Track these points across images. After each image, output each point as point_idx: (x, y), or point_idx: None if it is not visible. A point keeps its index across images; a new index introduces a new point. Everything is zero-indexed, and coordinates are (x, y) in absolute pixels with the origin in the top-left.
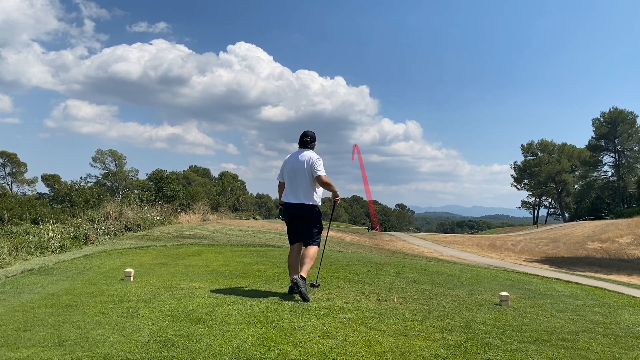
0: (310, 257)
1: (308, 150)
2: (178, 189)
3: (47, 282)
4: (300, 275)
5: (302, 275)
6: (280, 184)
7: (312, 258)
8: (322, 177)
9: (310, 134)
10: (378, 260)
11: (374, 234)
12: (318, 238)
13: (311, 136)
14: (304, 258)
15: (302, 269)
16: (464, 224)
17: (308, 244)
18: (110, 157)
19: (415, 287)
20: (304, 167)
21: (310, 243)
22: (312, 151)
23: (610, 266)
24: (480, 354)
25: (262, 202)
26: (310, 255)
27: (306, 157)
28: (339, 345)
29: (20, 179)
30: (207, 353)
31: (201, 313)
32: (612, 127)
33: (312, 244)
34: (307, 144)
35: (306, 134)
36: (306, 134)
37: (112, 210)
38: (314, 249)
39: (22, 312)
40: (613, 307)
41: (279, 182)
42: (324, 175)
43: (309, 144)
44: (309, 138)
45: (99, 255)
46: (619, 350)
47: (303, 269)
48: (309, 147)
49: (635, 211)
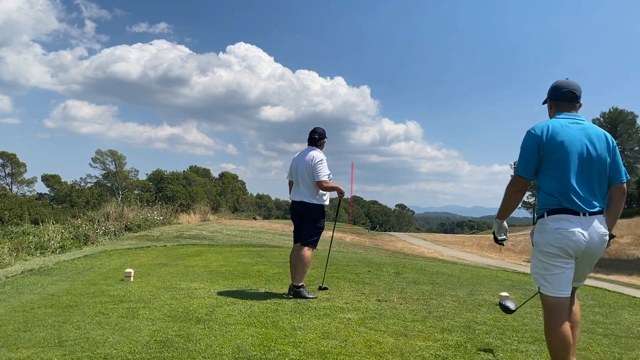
0: (303, 263)
1: (315, 149)
2: (178, 189)
3: (47, 282)
4: (292, 286)
5: (295, 284)
6: (290, 183)
7: (305, 263)
8: (323, 183)
9: (319, 131)
10: (378, 260)
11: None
12: (315, 239)
13: (320, 133)
14: (297, 264)
15: (296, 277)
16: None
17: (303, 244)
18: (110, 158)
19: (415, 287)
20: (306, 167)
21: (305, 244)
22: (317, 151)
23: (610, 266)
24: (480, 354)
25: (262, 202)
26: (303, 261)
27: (309, 156)
28: (339, 345)
29: (19, 179)
30: (207, 353)
31: (201, 313)
32: (612, 127)
33: (307, 245)
34: (315, 142)
35: (315, 130)
36: (315, 131)
37: (112, 211)
38: (307, 252)
39: (22, 313)
40: (613, 308)
41: (289, 180)
42: (324, 182)
43: (317, 142)
44: (317, 135)
45: (99, 255)
46: (619, 351)
47: (296, 277)
48: (317, 145)
49: (635, 211)
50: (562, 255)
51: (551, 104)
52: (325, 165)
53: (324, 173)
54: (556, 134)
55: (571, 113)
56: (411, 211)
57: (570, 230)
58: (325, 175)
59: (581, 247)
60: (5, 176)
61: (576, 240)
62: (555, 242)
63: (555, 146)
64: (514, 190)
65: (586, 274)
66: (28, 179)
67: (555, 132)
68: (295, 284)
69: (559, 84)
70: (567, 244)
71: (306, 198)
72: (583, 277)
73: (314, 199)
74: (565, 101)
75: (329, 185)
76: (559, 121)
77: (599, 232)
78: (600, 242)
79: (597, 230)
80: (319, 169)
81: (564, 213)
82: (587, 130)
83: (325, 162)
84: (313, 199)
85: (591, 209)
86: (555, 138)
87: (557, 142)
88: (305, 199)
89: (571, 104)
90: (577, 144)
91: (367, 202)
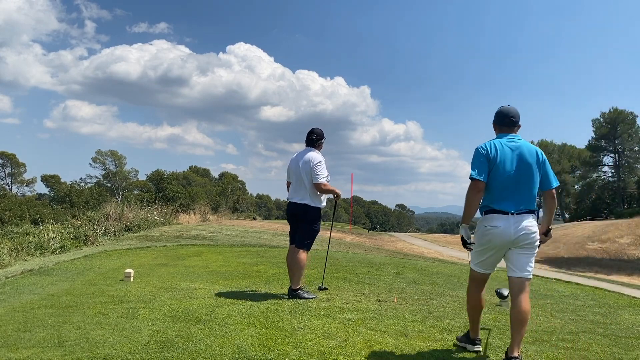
0: (299, 267)
1: (312, 150)
2: (178, 189)
3: (47, 282)
4: (290, 289)
5: (293, 288)
6: (288, 184)
7: (301, 267)
8: (321, 185)
9: (317, 131)
10: (378, 260)
11: (374, 233)
12: (309, 242)
13: (318, 134)
14: (293, 267)
15: (293, 280)
16: None
17: (298, 246)
18: (110, 158)
19: (415, 287)
20: (304, 168)
21: (299, 246)
22: (315, 152)
23: (610, 266)
24: (480, 355)
25: (262, 202)
26: (298, 264)
27: (307, 158)
28: (339, 345)
29: (19, 179)
30: (207, 353)
31: (201, 314)
32: (612, 128)
33: (301, 248)
34: (313, 142)
35: (312, 131)
36: (312, 132)
37: (112, 211)
38: (302, 255)
39: (22, 313)
40: (613, 308)
41: (287, 182)
42: (322, 184)
43: (315, 142)
44: (315, 136)
45: (98, 255)
46: (619, 351)
47: (293, 281)
48: (315, 146)
49: (635, 211)
50: (490, 246)
51: (495, 126)
52: (324, 166)
53: (323, 175)
54: (496, 151)
55: (510, 134)
56: (411, 211)
57: (496, 227)
58: (323, 177)
59: (507, 239)
60: (5, 176)
61: (500, 234)
62: (485, 236)
63: (493, 161)
64: (475, 192)
65: (524, 265)
66: (28, 179)
67: (496, 149)
68: (293, 287)
69: (502, 111)
70: (493, 238)
71: (303, 200)
72: (522, 267)
73: (310, 201)
74: (505, 125)
75: (327, 187)
76: (500, 141)
77: (525, 226)
78: (525, 234)
79: (524, 225)
80: (318, 170)
81: (495, 213)
82: (521, 149)
83: (324, 163)
84: (310, 201)
85: (517, 210)
86: (495, 154)
87: (495, 158)
88: (301, 201)
89: (510, 128)
90: (509, 160)
91: (367, 202)
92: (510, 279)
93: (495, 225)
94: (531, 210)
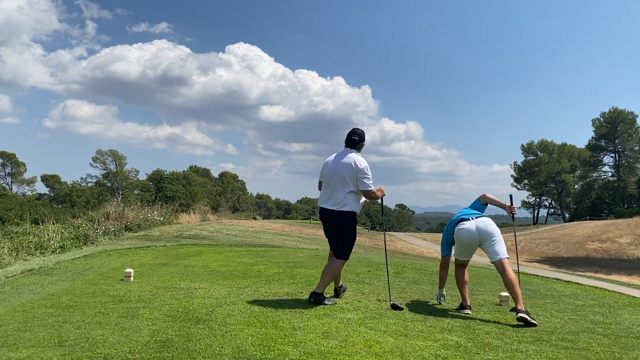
0: (331, 272)
1: (353, 152)
2: (178, 189)
3: (47, 282)
4: (313, 293)
5: (316, 291)
6: (320, 183)
7: (332, 273)
8: (371, 193)
9: (359, 132)
10: (378, 260)
11: (374, 233)
12: (349, 249)
13: (360, 135)
14: (325, 273)
15: (319, 285)
16: None
17: (337, 256)
18: (110, 158)
19: (415, 287)
20: (346, 172)
21: (338, 256)
22: (357, 155)
23: (610, 266)
24: (480, 354)
25: (262, 202)
26: (332, 272)
27: (351, 160)
28: (339, 345)
29: (19, 179)
30: (207, 353)
31: (201, 313)
32: (612, 127)
33: (340, 258)
34: (354, 144)
35: (354, 132)
36: (354, 132)
37: (112, 211)
38: (338, 263)
39: (22, 313)
40: (613, 307)
41: (319, 181)
42: (373, 191)
43: (356, 144)
44: (357, 137)
45: (99, 255)
46: (619, 351)
47: (320, 285)
48: (356, 147)
49: (635, 211)
50: (463, 242)
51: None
52: (370, 174)
53: (372, 181)
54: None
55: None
56: (411, 211)
57: (463, 229)
58: (372, 185)
59: (473, 235)
60: (5, 176)
61: (467, 232)
62: (458, 236)
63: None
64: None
65: (495, 250)
66: (28, 179)
67: None
68: (317, 291)
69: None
70: (463, 236)
71: (337, 205)
72: (494, 252)
73: (349, 207)
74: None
75: (378, 194)
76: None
77: (483, 222)
78: (485, 226)
79: (482, 222)
80: (367, 176)
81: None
82: None
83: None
84: (348, 207)
85: (476, 216)
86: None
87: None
88: (335, 207)
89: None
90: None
91: (367, 202)
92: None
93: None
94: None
